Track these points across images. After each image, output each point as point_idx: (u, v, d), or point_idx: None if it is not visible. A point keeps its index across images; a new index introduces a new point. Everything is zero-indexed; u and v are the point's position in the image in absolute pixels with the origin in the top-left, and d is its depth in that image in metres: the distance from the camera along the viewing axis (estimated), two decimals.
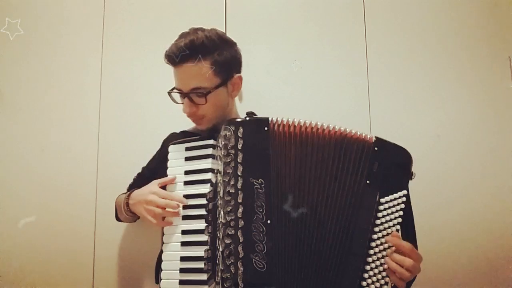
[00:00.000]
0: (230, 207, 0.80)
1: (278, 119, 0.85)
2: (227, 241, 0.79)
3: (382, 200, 0.82)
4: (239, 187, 0.80)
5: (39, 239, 1.26)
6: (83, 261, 1.26)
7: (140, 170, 1.17)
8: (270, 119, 0.85)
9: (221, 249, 0.79)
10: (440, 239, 1.30)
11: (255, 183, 0.80)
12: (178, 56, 0.92)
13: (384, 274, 0.79)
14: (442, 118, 1.36)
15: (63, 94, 1.34)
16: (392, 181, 0.83)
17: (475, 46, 1.40)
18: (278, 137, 0.84)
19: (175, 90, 0.98)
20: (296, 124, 0.84)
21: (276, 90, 1.35)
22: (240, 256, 0.77)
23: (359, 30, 1.40)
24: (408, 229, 0.85)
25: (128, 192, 1.03)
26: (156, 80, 1.34)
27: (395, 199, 0.83)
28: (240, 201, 0.80)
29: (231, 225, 0.79)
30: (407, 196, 0.84)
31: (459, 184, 1.33)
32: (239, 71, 1.03)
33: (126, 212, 1.02)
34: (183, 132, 1.13)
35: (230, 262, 0.77)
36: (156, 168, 1.09)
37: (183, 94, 0.96)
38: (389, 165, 0.84)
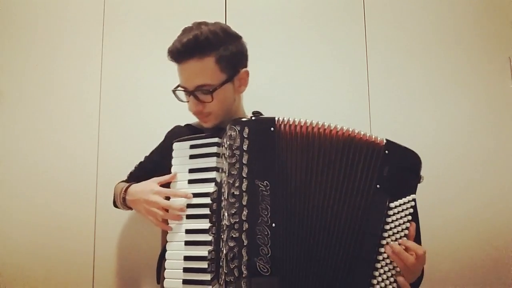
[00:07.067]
0: (235, 209, 0.78)
1: (285, 119, 0.82)
2: (231, 244, 0.77)
3: (392, 205, 0.80)
4: (243, 189, 0.78)
5: (39, 239, 1.26)
6: (83, 261, 1.26)
7: (142, 159, 1.13)
8: (276, 119, 0.82)
9: (225, 252, 0.78)
10: (440, 239, 1.30)
11: (260, 185, 0.78)
12: (181, 53, 0.88)
13: (392, 280, 0.78)
14: (442, 118, 1.36)
15: (63, 94, 1.34)
16: (402, 185, 0.82)
17: (475, 46, 1.40)
18: (284, 137, 0.81)
19: (179, 88, 0.94)
20: (302, 124, 0.82)
21: (275, 90, 1.35)
22: (244, 260, 0.76)
23: (359, 30, 1.40)
24: (415, 232, 0.83)
25: (125, 186, 0.99)
26: (156, 79, 1.34)
27: (404, 203, 0.81)
28: (244, 203, 0.78)
29: (235, 227, 0.77)
30: (415, 200, 0.82)
31: (459, 184, 1.33)
32: (246, 66, 0.98)
33: (122, 206, 1.01)
34: (187, 125, 1.09)
35: (234, 265, 0.76)
36: (158, 161, 1.05)
37: (188, 92, 0.92)
38: (399, 168, 0.82)
